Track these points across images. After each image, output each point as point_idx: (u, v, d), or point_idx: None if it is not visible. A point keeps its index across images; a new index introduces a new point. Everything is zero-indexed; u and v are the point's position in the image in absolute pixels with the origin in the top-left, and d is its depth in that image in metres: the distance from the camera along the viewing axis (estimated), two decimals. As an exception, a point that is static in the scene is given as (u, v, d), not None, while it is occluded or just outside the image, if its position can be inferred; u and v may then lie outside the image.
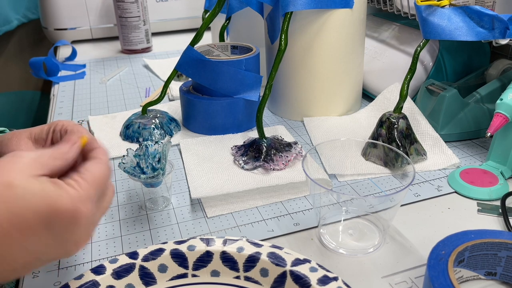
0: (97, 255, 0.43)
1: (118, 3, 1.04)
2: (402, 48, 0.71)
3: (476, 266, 0.38)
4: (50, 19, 1.13)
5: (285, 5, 0.59)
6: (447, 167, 0.55)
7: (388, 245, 0.43)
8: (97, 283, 0.35)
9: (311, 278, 0.34)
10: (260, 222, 0.47)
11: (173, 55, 1.07)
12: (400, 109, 0.56)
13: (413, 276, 0.39)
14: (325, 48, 0.63)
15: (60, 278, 0.41)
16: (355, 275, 0.40)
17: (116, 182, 0.55)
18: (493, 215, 0.47)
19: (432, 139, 0.58)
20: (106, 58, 1.07)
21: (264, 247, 0.37)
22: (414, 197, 0.50)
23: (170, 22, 1.23)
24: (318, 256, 0.42)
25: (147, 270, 0.36)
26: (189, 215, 0.49)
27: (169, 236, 0.46)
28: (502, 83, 0.61)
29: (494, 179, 0.51)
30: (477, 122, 0.60)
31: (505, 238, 0.36)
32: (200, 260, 0.37)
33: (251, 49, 0.66)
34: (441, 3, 0.54)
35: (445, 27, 0.53)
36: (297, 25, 0.62)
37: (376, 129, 0.57)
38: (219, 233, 0.46)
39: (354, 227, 0.45)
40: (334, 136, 0.63)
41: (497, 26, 0.51)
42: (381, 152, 0.54)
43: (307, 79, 0.66)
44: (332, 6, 0.61)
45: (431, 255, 0.35)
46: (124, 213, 0.49)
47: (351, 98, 0.69)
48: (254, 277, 0.36)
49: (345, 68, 0.66)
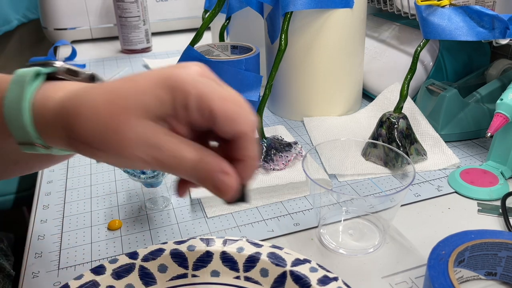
0: (97, 255, 0.43)
1: (118, 3, 1.04)
2: (402, 48, 0.71)
3: (476, 266, 0.38)
4: (50, 19, 1.13)
5: (285, 5, 0.59)
6: (447, 167, 0.55)
7: (388, 245, 0.43)
8: (97, 283, 0.35)
9: (311, 278, 0.34)
10: (260, 222, 0.47)
11: (173, 55, 1.07)
12: (400, 109, 0.56)
13: (413, 276, 0.39)
14: (325, 48, 0.63)
15: (60, 278, 0.41)
16: (355, 275, 0.40)
17: (116, 182, 0.55)
18: (493, 215, 0.47)
19: (432, 139, 0.58)
20: (106, 58, 1.07)
21: (264, 247, 0.37)
22: (414, 197, 0.50)
23: (170, 22, 1.23)
24: (318, 256, 0.42)
25: (147, 270, 0.36)
26: (189, 215, 0.49)
27: (169, 236, 0.45)
28: (502, 83, 0.61)
29: (494, 179, 0.51)
30: (477, 122, 0.60)
31: (505, 238, 0.36)
32: (200, 260, 0.37)
33: (251, 49, 0.66)
34: (441, 3, 0.54)
35: (445, 27, 0.53)
36: (297, 25, 0.62)
37: (376, 129, 0.57)
38: (219, 233, 0.46)
39: (354, 227, 0.45)
40: (334, 136, 0.63)
41: (497, 26, 0.51)
42: (381, 152, 0.54)
43: (307, 79, 0.66)
44: (332, 6, 0.61)
45: (431, 255, 0.35)
46: (124, 213, 0.49)
47: (351, 98, 0.69)
48: (254, 277, 0.36)
49: (345, 68, 0.66)
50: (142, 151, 0.26)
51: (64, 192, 0.53)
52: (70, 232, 0.47)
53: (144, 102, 0.26)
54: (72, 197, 0.52)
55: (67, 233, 0.46)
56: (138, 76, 0.27)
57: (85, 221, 0.48)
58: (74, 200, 0.52)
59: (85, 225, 0.48)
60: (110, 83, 0.28)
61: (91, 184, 0.55)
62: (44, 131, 0.29)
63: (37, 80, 0.30)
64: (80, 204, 0.51)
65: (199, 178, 0.28)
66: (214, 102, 0.26)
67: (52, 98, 0.29)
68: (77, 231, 0.47)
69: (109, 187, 0.54)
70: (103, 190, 0.54)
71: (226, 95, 0.27)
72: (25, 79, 0.29)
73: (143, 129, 0.26)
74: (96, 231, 0.47)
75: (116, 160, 0.28)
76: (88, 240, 0.45)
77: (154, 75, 0.26)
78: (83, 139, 0.27)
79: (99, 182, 0.55)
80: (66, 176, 0.57)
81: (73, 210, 0.50)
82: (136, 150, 0.26)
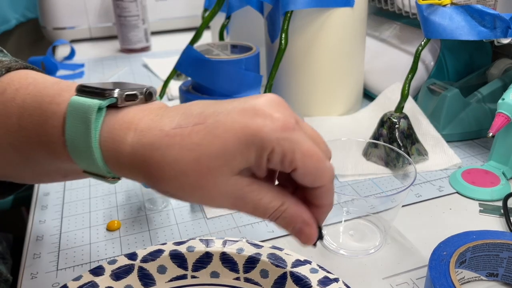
0: (95, 256, 0.43)
1: (117, 2, 1.03)
2: (403, 47, 0.71)
3: (477, 267, 0.37)
4: (48, 18, 1.12)
5: (286, 4, 0.59)
6: (449, 167, 0.55)
7: (389, 246, 0.43)
8: (95, 284, 0.34)
9: (311, 280, 0.34)
10: (260, 223, 0.47)
11: (172, 54, 1.06)
12: (401, 108, 0.56)
13: (414, 277, 0.39)
14: (326, 47, 0.63)
15: (59, 279, 0.40)
16: (356, 276, 0.39)
17: (115, 182, 0.55)
18: (494, 216, 0.46)
19: (433, 139, 0.58)
20: (105, 57, 1.07)
21: (264, 248, 0.37)
22: (416, 197, 0.50)
23: (169, 21, 1.23)
24: (318, 257, 0.42)
25: (146, 271, 0.36)
26: (188, 216, 0.48)
27: (168, 237, 0.45)
28: (503, 82, 0.60)
29: (495, 179, 0.50)
30: (478, 122, 0.60)
31: (507, 239, 0.36)
32: (199, 261, 0.37)
33: (251, 49, 0.66)
34: (442, 2, 0.53)
35: (447, 26, 0.53)
36: (298, 24, 0.62)
37: (377, 129, 0.56)
38: (219, 234, 0.45)
39: (355, 228, 0.45)
40: (335, 136, 0.63)
41: (499, 25, 0.51)
42: (382, 152, 0.54)
43: (308, 79, 0.65)
44: (333, 5, 0.60)
45: (433, 256, 0.35)
46: (123, 214, 0.49)
47: (351, 97, 0.69)
48: (254, 278, 0.36)
49: (345, 68, 0.65)
50: (226, 202, 0.28)
51: (63, 193, 0.53)
52: (69, 233, 0.46)
53: (233, 164, 0.27)
54: (71, 198, 0.52)
55: (65, 233, 0.46)
56: (221, 127, 0.26)
57: (84, 221, 0.48)
58: (73, 200, 0.52)
59: (84, 225, 0.47)
60: (189, 135, 0.27)
61: (90, 184, 0.55)
62: (117, 171, 0.29)
63: (101, 116, 0.28)
64: (79, 204, 0.51)
65: (281, 225, 0.29)
66: (297, 159, 0.27)
67: (124, 141, 0.28)
68: (76, 232, 0.46)
69: (108, 188, 0.54)
70: (102, 191, 0.53)
71: (310, 151, 0.27)
72: (89, 116, 0.28)
73: (229, 185, 0.27)
74: (95, 231, 0.46)
75: (197, 203, 0.30)
76: (87, 241, 0.45)
77: (239, 131, 0.26)
78: (166, 191, 0.28)
79: (98, 183, 0.55)
80: (65, 176, 0.57)
81: (72, 210, 0.50)
82: (220, 203, 0.28)
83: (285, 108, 0.28)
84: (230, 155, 0.26)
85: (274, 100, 0.28)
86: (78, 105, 0.28)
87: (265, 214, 0.29)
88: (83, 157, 0.29)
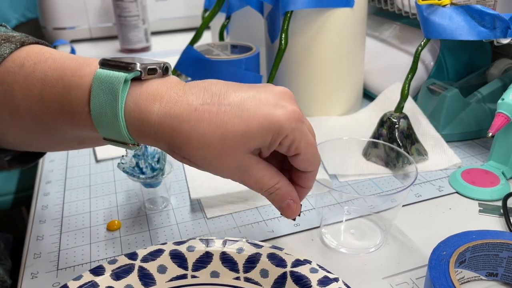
0: (96, 256, 0.43)
1: (117, 2, 1.03)
2: (403, 47, 0.71)
3: (477, 267, 0.37)
4: (49, 18, 1.12)
5: (286, 4, 0.59)
6: (449, 167, 0.55)
7: (389, 246, 0.43)
8: (96, 284, 0.34)
9: (311, 279, 0.34)
10: (260, 222, 0.47)
11: (172, 55, 1.06)
12: (401, 108, 0.56)
13: (414, 277, 0.39)
14: (326, 48, 0.63)
15: (59, 279, 0.40)
16: (356, 276, 0.39)
17: (115, 183, 0.55)
18: (494, 216, 0.46)
19: (433, 139, 0.58)
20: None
21: (264, 248, 0.37)
22: (415, 197, 0.50)
23: (169, 21, 1.23)
24: (319, 256, 0.42)
25: (147, 271, 0.36)
26: (188, 216, 0.48)
27: (168, 237, 0.45)
28: (503, 82, 0.60)
29: (495, 179, 0.50)
30: (478, 122, 0.60)
31: (506, 239, 0.36)
32: (199, 261, 0.37)
33: (251, 49, 0.66)
34: (442, 2, 0.53)
35: (446, 27, 0.53)
36: (298, 24, 0.62)
37: (377, 129, 0.56)
38: (219, 234, 0.45)
39: (356, 226, 0.45)
40: (335, 136, 0.62)
41: (499, 26, 0.51)
42: (382, 152, 0.54)
43: (308, 79, 0.65)
44: (333, 5, 0.60)
45: (432, 255, 0.35)
46: (123, 214, 0.49)
47: (351, 97, 0.69)
48: (254, 278, 0.36)
49: (345, 68, 0.66)
50: (236, 174, 0.33)
51: (63, 193, 0.53)
52: (69, 233, 0.46)
53: (251, 144, 0.31)
54: (71, 198, 0.52)
55: (66, 233, 0.46)
56: (246, 112, 0.30)
57: (84, 221, 0.48)
58: (73, 200, 0.52)
59: (84, 225, 0.47)
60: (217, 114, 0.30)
61: (90, 184, 0.55)
62: (140, 138, 0.32)
63: (126, 87, 0.30)
64: (79, 204, 0.51)
65: (272, 199, 0.35)
66: (301, 146, 0.32)
67: (151, 111, 0.30)
68: (76, 232, 0.46)
69: (108, 188, 0.54)
70: (102, 191, 0.53)
71: (311, 141, 0.33)
72: (116, 87, 0.30)
73: (243, 161, 0.32)
74: (95, 231, 0.46)
75: (207, 171, 0.33)
76: (87, 240, 0.45)
77: (262, 118, 0.30)
78: (188, 159, 0.31)
79: (98, 183, 0.55)
80: (65, 176, 0.57)
81: (72, 210, 0.50)
82: (232, 173, 0.33)
83: (295, 101, 0.33)
84: (251, 136, 0.30)
85: (288, 92, 0.33)
86: (105, 77, 0.30)
87: (263, 189, 0.34)
88: (108, 125, 0.31)
